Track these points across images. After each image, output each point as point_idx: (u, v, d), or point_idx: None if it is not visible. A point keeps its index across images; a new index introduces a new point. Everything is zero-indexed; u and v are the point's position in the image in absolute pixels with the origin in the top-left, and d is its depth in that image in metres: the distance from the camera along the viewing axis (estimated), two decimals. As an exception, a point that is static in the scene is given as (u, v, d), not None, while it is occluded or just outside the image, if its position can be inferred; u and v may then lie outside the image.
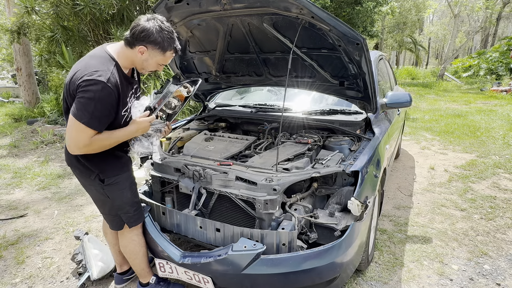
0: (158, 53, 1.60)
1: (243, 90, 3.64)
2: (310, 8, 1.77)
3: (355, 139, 2.37)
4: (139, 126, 1.68)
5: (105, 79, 1.46)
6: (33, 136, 6.38)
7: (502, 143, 5.55)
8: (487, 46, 25.07)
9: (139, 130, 1.69)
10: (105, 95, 1.47)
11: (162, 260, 1.88)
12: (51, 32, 6.58)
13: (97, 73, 1.47)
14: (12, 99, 11.75)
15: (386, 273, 2.32)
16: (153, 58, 1.62)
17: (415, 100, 10.81)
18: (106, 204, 1.81)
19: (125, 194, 1.81)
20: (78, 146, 1.52)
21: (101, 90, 1.46)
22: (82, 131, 1.48)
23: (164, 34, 1.56)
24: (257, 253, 1.63)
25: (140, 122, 1.69)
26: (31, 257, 2.59)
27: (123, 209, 1.83)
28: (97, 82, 1.45)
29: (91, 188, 1.79)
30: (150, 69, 1.69)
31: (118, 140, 1.64)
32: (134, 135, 1.70)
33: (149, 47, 1.57)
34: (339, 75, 2.39)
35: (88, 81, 1.45)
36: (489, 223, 3.02)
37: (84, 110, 1.45)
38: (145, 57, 1.60)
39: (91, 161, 1.67)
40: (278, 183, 1.78)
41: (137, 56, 1.60)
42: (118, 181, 1.77)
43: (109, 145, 1.61)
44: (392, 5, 12.50)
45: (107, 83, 1.47)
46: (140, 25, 1.53)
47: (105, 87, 1.46)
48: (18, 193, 3.84)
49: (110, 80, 1.49)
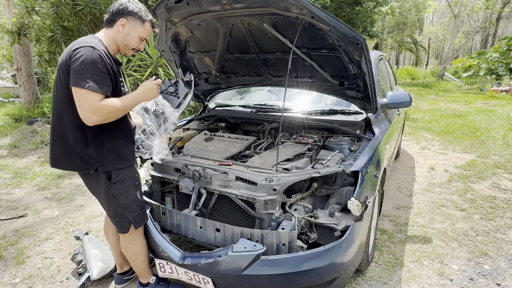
0: (138, 23, 1.71)
1: (243, 90, 3.64)
2: (310, 8, 1.77)
3: (355, 139, 2.37)
4: (145, 87, 1.71)
5: (93, 45, 1.57)
6: (33, 136, 6.38)
7: (502, 143, 5.55)
8: (487, 46, 25.08)
9: (146, 92, 1.71)
10: (96, 57, 1.54)
11: (162, 261, 1.88)
12: (51, 32, 6.58)
13: (85, 43, 1.57)
14: (12, 99, 11.75)
15: (386, 273, 2.32)
16: (134, 30, 1.71)
17: (415, 100, 10.81)
18: (112, 204, 1.80)
19: (131, 192, 1.81)
20: (93, 113, 1.52)
21: (91, 52, 1.53)
22: (89, 96, 1.51)
23: (139, 5, 1.72)
24: (257, 254, 1.63)
25: (146, 83, 1.72)
26: (31, 257, 2.59)
27: (129, 209, 1.83)
28: (86, 47, 1.55)
29: (98, 188, 1.78)
30: (132, 44, 1.74)
31: (127, 105, 1.64)
32: (142, 99, 1.72)
33: (129, 18, 1.68)
34: (339, 75, 2.39)
35: (77, 49, 1.54)
36: (489, 223, 3.02)
37: (83, 76, 1.50)
38: (127, 30, 1.70)
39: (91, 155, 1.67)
40: (278, 183, 1.78)
41: (119, 32, 1.69)
42: (124, 179, 1.77)
43: (121, 110, 1.62)
44: (392, 5, 12.50)
45: (95, 47, 1.56)
46: (116, 3, 1.69)
47: (94, 50, 1.55)
48: (18, 193, 3.84)
49: (98, 45, 1.59)
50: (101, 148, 1.68)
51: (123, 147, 1.77)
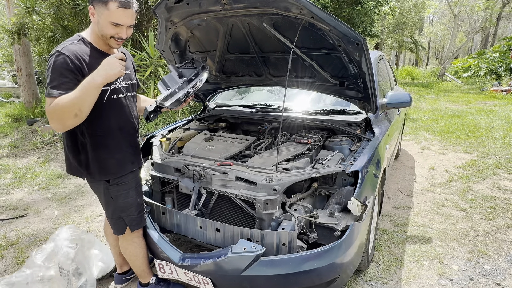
0: (102, 8, 1.49)
1: (243, 90, 3.64)
2: (310, 8, 1.77)
3: (355, 139, 2.37)
4: (103, 63, 1.46)
5: (60, 49, 1.48)
6: (33, 136, 6.38)
7: (502, 143, 5.55)
8: (487, 46, 25.06)
9: (105, 68, 1.44)
10: (60, 61, 1.45)
11: (162, 261, 1.88)
12: (51, 32, 6.58)
13: (56, 48, 1.49)
14: (12, 99, 11.75)
15: (386, 273, 2.32)
16: (101, 16, 1.51)
17: (415, 100, 10.81)
18: (110, 205, 1.80)
19: (130, 194, 1.80)
20: (49, 119, 1.45)
21: (55, 58, 1.46)
22: (46, 104, 1.45)
23: None
24: (256, 255, 1.63)
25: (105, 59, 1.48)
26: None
27: (126, 211, 1.81)
28: (53, 53, 1.48)
29: (98, 187, 1.78)
30: (107, 32, 1.54)
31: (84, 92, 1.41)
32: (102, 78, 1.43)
33: (95, 4, 1.50)
34: (339, 75, 2.39)
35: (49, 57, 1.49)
36: (489, 223, 3.02)
37: (48, 85, 1.45)
38: (96, 19, 1.53)
39: (81, 162, 1.67)
40: (278, 183, 1.78)
41: (93, 23, 1.56)
42: (124, 181, 1.76)
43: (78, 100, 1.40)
44: (392, 5, 12.49)
45: (61, 50, 1.47)
46: None
47: (59, 54, 1.46)
48: (18, 193, 3.84)
49: (67, 48, 1.49)
50: (88, 157, 1.66)
51: (106, 158, 1.68)
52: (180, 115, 6.18)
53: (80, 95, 1.41)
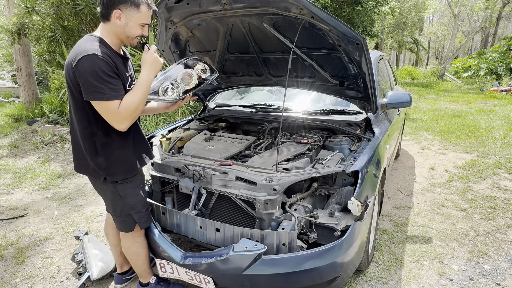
0: (134, 11, 1.55)
1: (243, 90, 3.64)
2: (310, 8, 1.77)
3: (355, 139, 2.37)
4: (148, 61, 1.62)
5: (94, 51, 1.47)
6: (33, 136, 6.38)
7: (502, 143, 5.55)
8: (487, 46, 25.07)
9: (152, 65, 1.62)
10: (101, 64, 1.47)
11: (163, 261, 1.88)
12: (52, 32, 6.59)
13: (86, 51, 1.48)
14: (12, 99, 11.75)
15: (386, 273, 2.32)
16: (131, 18, 1.56)
17: (415, 100, 10.81)
18: (118, 204, 1.80)
19: (137, 192, 1.82)
20: (118, 121, 1.52)
21: (95, 61, 1.46)
22: (109, 107, 1.49)
23: None
24: (258, 254, 1.63)
25: (147, 57, 1.63)
26: (31, 257, 2.59)
27: (135, 208, 1.82)
28: (89, 55, 1.46)
29: (104, 188, 1.78)
30: (135, 33, 1.61)
31: (142, 93, 1.57)
32: (152, 74, 1.62)
33: (123, 8, 1.53)
34: (339, 75, 2.39)
35: (81, 59, 1.46)
36: (489, 223, 3.02)
37: (97, 88, 1.46)
38: (124, 21, 1.55)
39: (100, 165, 1.67)
40: (278, 183, 1.78)
41: (117, 26, 1.56)
42: (132, 179, 1.77)
43: (140, 102, 1.56)
44: (392, 5, 12.50)
45: (97, 53, 1.47)
46: None
47: (97, 57, 1.47)
48: (18, 193, 3.84)
49: (99, 50, 1.50)
50: (110, 158, 1.67)
51: (131, 156, 1.75)
52: (180, 115, 6.18)
53: (145, 91, 1.58)
